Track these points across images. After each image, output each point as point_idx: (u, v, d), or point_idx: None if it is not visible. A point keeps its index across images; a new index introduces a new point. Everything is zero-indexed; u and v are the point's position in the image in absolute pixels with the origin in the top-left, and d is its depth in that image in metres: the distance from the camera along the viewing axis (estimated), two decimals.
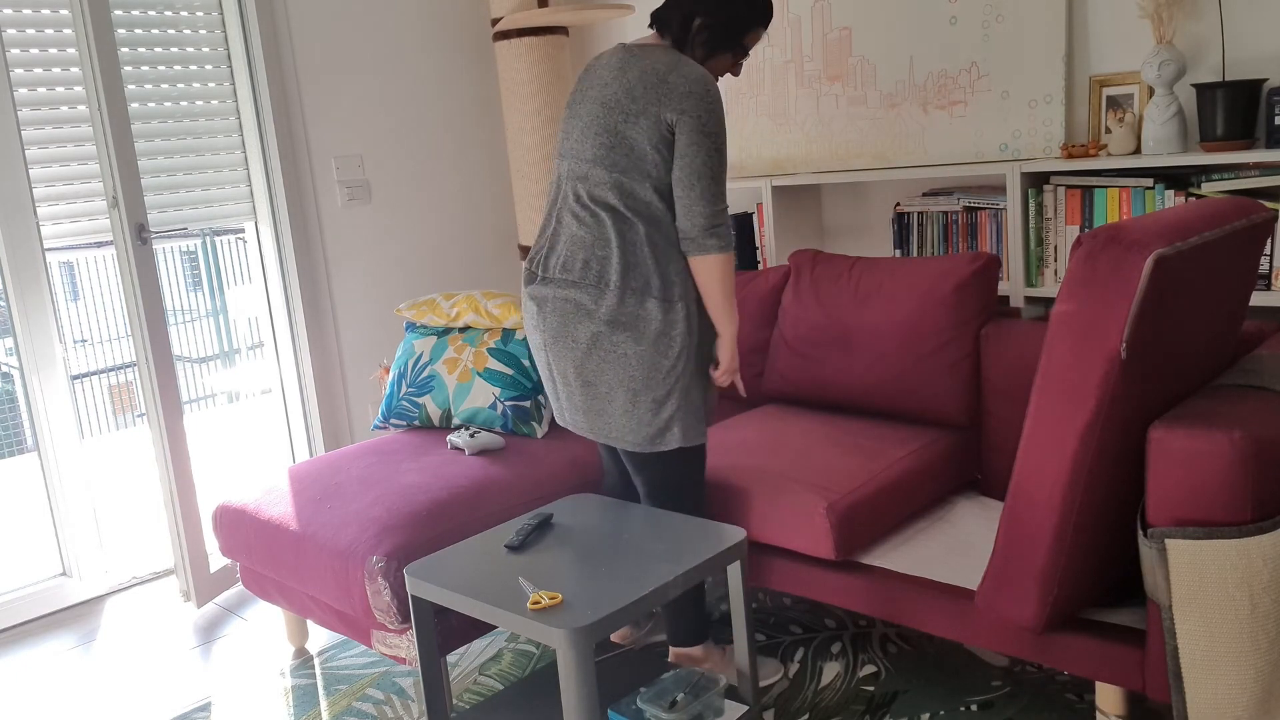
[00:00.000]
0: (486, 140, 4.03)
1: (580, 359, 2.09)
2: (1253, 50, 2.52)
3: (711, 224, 2.02)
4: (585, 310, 2.07)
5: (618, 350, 2.06)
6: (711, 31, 2.09)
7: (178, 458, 2.90)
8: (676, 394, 2.08)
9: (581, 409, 2.15)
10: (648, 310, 2.05)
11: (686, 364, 2.08)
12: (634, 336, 2.05)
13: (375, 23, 3.65)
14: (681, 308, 2.06)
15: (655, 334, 2.05)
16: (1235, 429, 1.58)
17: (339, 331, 3.62)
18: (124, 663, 2.74)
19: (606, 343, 2.06)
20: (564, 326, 2.10)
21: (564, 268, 2.10)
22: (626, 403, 2.09)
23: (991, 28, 2.91)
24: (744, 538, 1.89)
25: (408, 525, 2.17)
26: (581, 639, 1.59)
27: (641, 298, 2.05)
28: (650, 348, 2.05)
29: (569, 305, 2.09)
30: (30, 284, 2.99)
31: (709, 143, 1.99)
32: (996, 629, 1.95)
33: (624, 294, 2.04)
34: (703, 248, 2.03)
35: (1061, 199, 2.68)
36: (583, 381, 2.11)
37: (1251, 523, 1.58)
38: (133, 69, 3.09)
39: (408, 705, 2.36)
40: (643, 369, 2.06)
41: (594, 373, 2.09)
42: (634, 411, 2.09)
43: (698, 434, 2.14)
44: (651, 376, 2.06)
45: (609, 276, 2.05)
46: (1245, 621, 1.57)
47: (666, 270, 2.06)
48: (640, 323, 2.05)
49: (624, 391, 2.08)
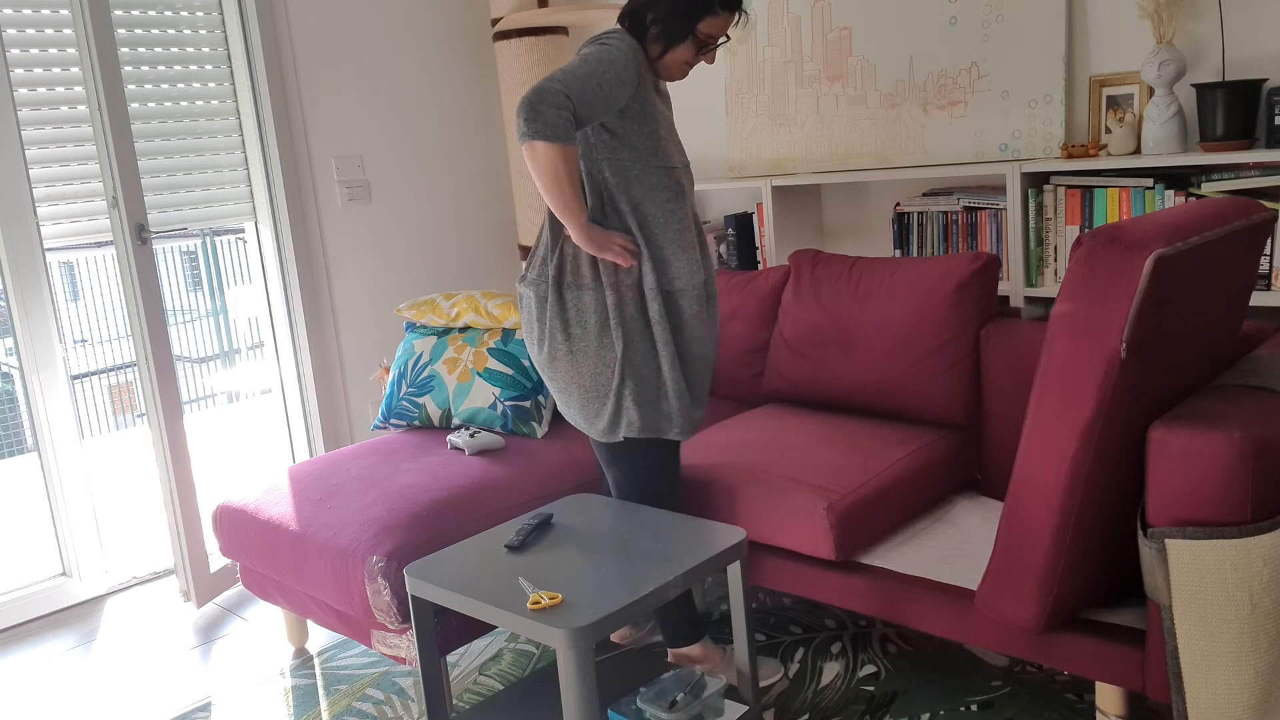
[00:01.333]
0: (486, 140, 4.03)
1: (535, 351, 2.15)
2: (1253, 50, 2.52)
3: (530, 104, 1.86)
4: (533, 308, 2.12)
5: (560, 346, 2.09)
6: (664, 25, 2.06)
7: (178, 458, 2.90)
8: (624, 381, 2.09)
9: (558, 403, 2.20)
10: (583, 302, 2.07)
11: (628, 354, 2.08)
12: (574, 330, 2.08)
13: (375, 23, 3.66)
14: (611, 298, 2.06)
15: (595, 326, 2.07)
16: (1235, 429, 1.58)
17: (339, 331, 3.62)
18: (124, 663, 2.74)
19: (555, 339, 2.09)
20: (527, 325, 2.16)
21: (525, 267, 2.19)
22: (579, 395, 2.12)
23: (991, 28, 2.91)
24: (744, 538, 1.89)
25: (408, 525, 2.17)
26: (581, 639, 1.59)
27: (574, 290, 2.07)
28: (593, 339, 2.07)
29: (526, 303, 2.16)
30: (30, 284, 2.99)
31: (580, 54, 1.98)
32: (996, 629, 1.95)
33: (544, 283, 2.09)
34: (520, 134, 1.90)
35: (1061, 199, 2.68)
36: (548, 377, 2.16)
37: (1251, 523, 1.58)
38: (133, 69, 3.09)
39: (408, 705, 2.36)
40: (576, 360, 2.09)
41: (547, 364, 2.14)
42: (584, 401, 2.12)
43: (650, 427, 2.12)
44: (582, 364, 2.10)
45: (545, 271, 2.10)
46: (1245, 621, 1.57)
47: (579, 261, 2.07)
48: (581, 316, 2.07)
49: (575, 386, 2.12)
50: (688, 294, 2.10)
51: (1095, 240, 1.63)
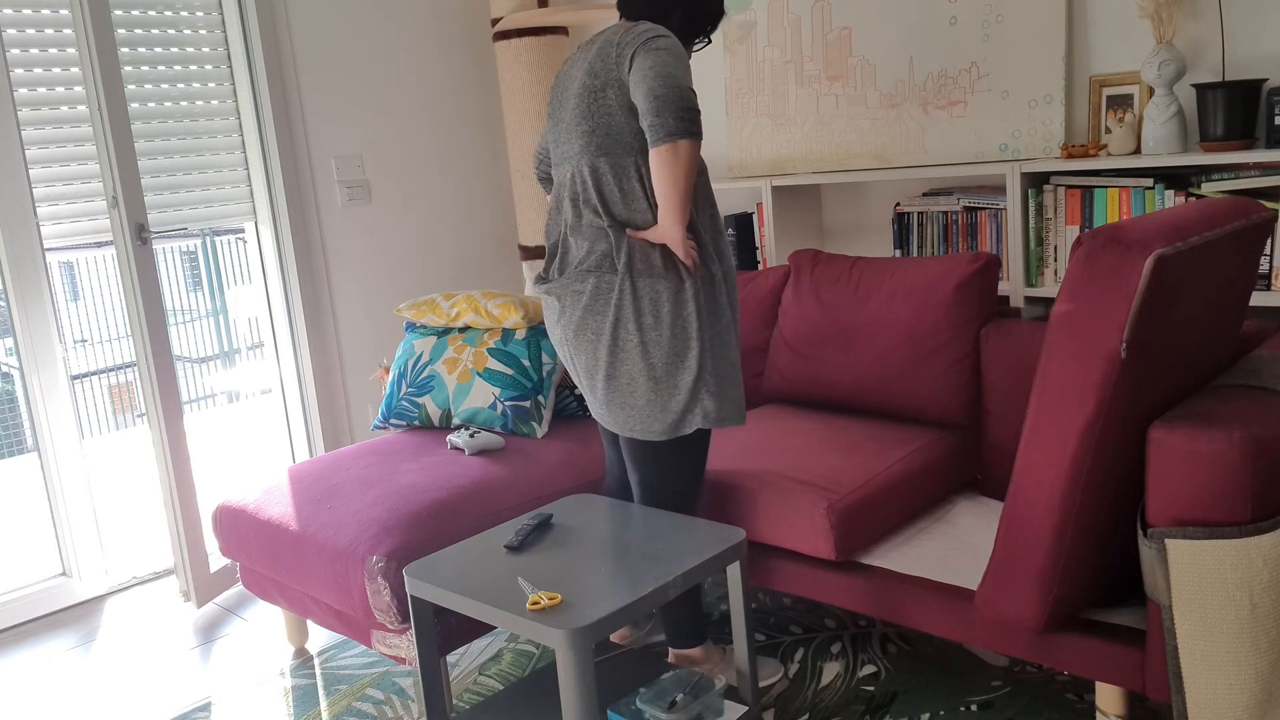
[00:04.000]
0: (486, 140, 4.03)
1: (603, 352, 2.08)
2: (1253, 50, 2.52)
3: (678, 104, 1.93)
4: (598, 299, 2.06)
5: (631, 337, 2.04)
6: (690, 21, 2.13)
7: (178, 458, 2.90)
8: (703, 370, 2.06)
9: (604, 402, 2.13)
10: (659, 291, 2.03)
11: (710, 342, 2.06)
12: (649, 323, 2.04)
13: (375, 23, 3.65)
14: (689, 286, 2.04)
15: (669, 316, 2.03)
16: (1235, 429, 1.58)
17: (339, 331, 3.62)
18: (124, 663, 2.74)
19: (623, 331, 2.05)
20: (583, 319, 2.09)
21: (577, 262, 2.11)
22: (648, 387, 2.07)
23: (991, 28, 2.91)
24: (744, 538, 1.89)
25: (408, 525, 2.17)
26: (581, 639, 1.59)
27: (652, 278, 2.03)
28: (669, 330, 2.04)
29: (583, 297, 2.08)
30: (30, 284, 2.99)
31: (661, 56, 1.95)
32: (996, 629, 1.95)
33: (613, 273, 2.05)
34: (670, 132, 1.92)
35: (1061, 199, 2.68)
36: (606, 376, 2.10)
37: (1251, 523, 1.58)
38: (133, 69, 3.09)
39: (408, 705, 2.36)
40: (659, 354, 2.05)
41: (610, 365, 2.08)
42: (653, 392, 2.07)
43: (721, 416, 2.09)
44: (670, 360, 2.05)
45: (615, 262, 2.05)
46: (1245, 621, 1.57)
47: (649, 250, 2.04)
48: (657, 307, 2.03)
49: (644, 378, 2.06)
50: (731, 280, 2.14)
51: (1095, 240, 1.63)
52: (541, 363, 2.70)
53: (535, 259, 3.72)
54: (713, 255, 2.09)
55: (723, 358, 2.09)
